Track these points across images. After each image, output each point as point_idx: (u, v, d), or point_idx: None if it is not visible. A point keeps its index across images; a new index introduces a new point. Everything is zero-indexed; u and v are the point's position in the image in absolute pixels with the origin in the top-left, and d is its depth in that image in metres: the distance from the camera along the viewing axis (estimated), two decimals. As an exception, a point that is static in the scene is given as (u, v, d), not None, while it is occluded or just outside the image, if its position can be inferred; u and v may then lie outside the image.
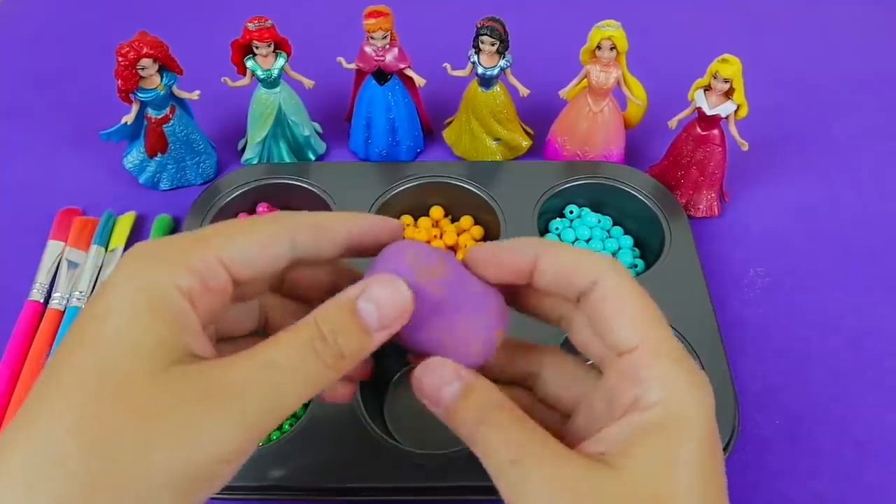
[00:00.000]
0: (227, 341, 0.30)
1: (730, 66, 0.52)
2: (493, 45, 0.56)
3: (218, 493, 0.44)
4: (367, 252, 0.29)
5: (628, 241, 0.58)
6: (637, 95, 0.59)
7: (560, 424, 0.29)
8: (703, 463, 0.24)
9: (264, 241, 0.26)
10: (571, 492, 0.23)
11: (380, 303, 0.25)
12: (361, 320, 0.25)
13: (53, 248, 0.56)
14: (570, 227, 0.58)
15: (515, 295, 0.30)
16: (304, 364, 0.24)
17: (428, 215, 0.59)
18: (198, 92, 0.58)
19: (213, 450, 0.22)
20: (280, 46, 0.58)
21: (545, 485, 0.23)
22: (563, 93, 0.60)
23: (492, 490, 0.25)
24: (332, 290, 0.27)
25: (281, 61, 0.58)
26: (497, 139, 0.63)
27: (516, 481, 0.24)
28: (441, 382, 0.26)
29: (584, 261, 0.27)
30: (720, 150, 0.57)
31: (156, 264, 0.24)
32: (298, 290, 0.31)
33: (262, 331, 0.31)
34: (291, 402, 0.24)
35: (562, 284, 0.27)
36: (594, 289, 0.26)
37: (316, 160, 0.64)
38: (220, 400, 0.22)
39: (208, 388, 0.23)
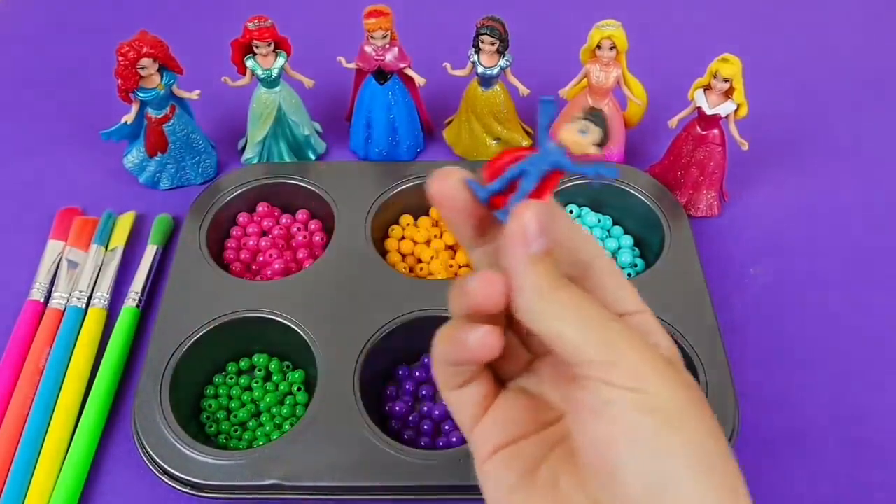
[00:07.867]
0: None
1: (730, 66, 0.52)
2: (493, 44, 0.56)
3: (218, 494, 0.44)
4: None
5: (628, 240, 0.58)
6: (637, 95, 0.59)
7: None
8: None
9: None
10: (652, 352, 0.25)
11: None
12: None
13: (53, 247, 0.56)
14: (570, 226, 0.58)
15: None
16: None
17: (428, 215, 0.59)
18: (198, 92, 0.58)
19: None
20: (280, 46, 0.58)
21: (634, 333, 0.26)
22: (563, 92, 0.60)
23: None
24: None
25: (281, 61, 0.58)
26: (497, 139, 0.63)
27: (609, 340, 0.25)
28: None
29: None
30: (720, 149, 0.57)
31: None
32: None
33: None
34: None
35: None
36: (593, 264, 0.31)
37: (316, 160, 0.64)
38: None
39: None
